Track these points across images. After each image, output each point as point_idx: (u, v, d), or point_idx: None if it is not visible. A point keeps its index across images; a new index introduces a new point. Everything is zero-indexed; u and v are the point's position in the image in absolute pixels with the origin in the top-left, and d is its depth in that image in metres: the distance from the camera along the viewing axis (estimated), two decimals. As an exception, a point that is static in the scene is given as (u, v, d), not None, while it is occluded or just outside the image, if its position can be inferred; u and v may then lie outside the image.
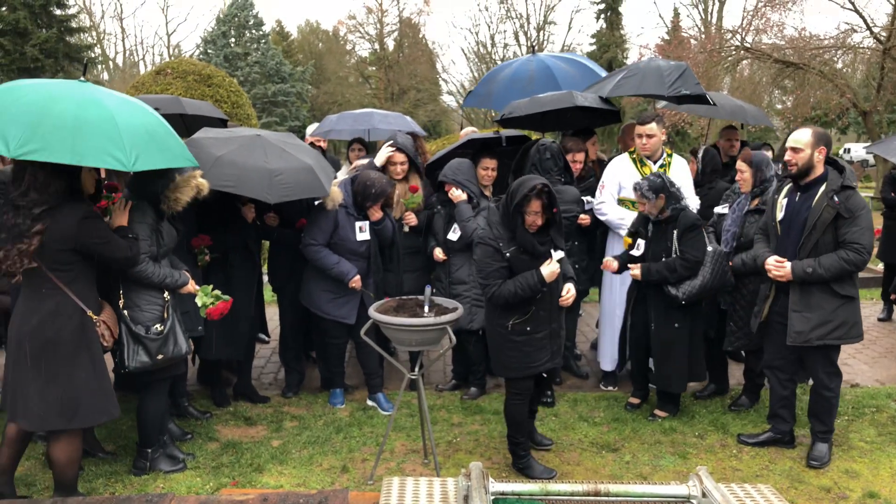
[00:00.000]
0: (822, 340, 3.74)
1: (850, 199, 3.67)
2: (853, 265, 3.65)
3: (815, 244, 3.71)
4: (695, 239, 4.23)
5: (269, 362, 5.82)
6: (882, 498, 3.54)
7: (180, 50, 41.04)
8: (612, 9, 35.74)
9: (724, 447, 4.15)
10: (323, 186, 4.18)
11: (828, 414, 3.90)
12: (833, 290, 3.71)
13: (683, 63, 5.58)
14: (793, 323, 3.78)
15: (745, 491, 3.14)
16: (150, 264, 3.53)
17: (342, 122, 6.92)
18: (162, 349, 3.58)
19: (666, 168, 4.86)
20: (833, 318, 3.72)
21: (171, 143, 3.35)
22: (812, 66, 18.42)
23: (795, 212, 3.83)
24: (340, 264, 4.45)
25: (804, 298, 3.76)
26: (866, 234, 3.65)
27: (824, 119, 25.68)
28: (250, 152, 4.11)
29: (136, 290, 3.57)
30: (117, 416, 3.44)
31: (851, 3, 17.83)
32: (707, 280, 4.22)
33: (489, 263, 3.58)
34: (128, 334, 3.51)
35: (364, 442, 4.25)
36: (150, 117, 3.34)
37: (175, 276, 3.69)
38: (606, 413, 4.65)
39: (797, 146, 3.77)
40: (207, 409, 4.67)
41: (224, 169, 3.96)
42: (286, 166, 4.09)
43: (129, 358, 3.51)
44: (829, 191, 3.71)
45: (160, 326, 3.58)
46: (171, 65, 8.82)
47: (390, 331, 3.61)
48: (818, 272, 3.67)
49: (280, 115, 33.57)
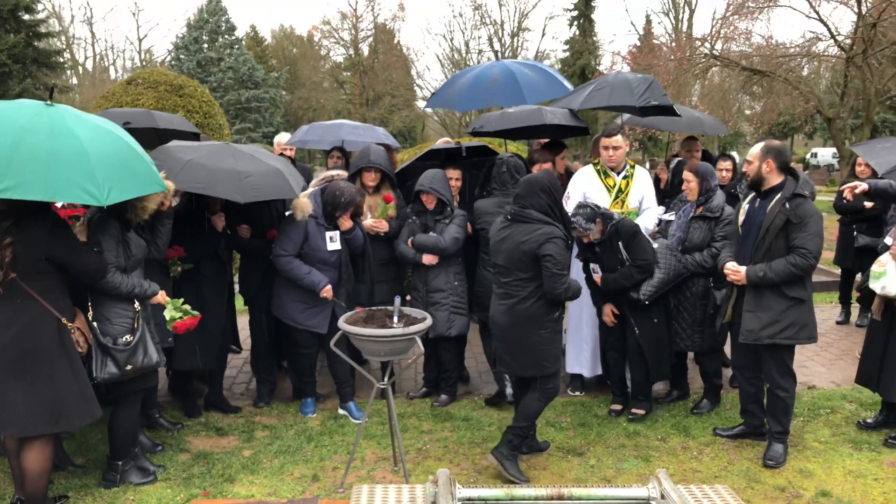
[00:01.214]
0: (773, 339, 3.94)
1: (800, 206, 3.89)
2: (801, 269, 3.86)
3: (769, 248, 3.93)
4: (640, 243, 4.45)
5: (241, 372, 5.84)
6: (834, 497, 3.68)
7: (151, 55, 40.69)
8: (585, 16, 36.20)
9: (685, 449, 4.29)
10: (292, 188, 4.24)
11: (783, 414, 4.08)
12: (783, 293, 3.91)
13: (650, 76, 5.75)
14: (745, 322, 4.01)
15: (702, 491, 3.25)
16: (117, 275, 3.56)
17: (312, 132, 6.97)
18: (131, 360, 3.60)
19: (629, 179, 5.00)
20: (782, 318, 3.92)
21: (141, 168, 3.36)
22: (778, 73, 18.87)
23: (753, 217, 4.09)
24: (311, 274, 4.51)
25: (756, 299, 3.98)
26: (814, 239, 3.85)
27: (791, 125, 26.25)
28: (219, 156, 4.19)
29: (104, 303, 3.60)
30: (100, 416, 3.47)
31: (816, 12, 18.32)
32: (664, 275, 4.46)
33: (566, 257, 3.83)
34: (96, 345, 3.53)
35: (335, 450, 4.31)
36: (120, 142, 3.34)
37: (144, 285, 3.72)
38: (573, 418, 4.76)
39: (749, 159, 4.12)
40: (178, 420, 4.70)
41: (193, 171, 4.02)
42: (255, 169, 4.17)
43: (97, 369, 3.53)
44: (782, 198, 3.93)
45: (129, 337, 3.61)
46: (142, 75, 8.80)
47: (359, 341, 3.68)
48: (769, 276, 3.88)
49: (253, 121, 33.42)
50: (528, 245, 3.77)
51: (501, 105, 6.15)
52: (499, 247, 3.94)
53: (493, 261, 4.05)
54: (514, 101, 6.10)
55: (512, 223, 3.88)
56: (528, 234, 3.79)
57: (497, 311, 3.99)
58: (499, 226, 4.00)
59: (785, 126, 29.23)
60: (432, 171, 4.96)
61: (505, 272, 3.91)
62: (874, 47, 17.46)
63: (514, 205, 3.90)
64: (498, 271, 3.98)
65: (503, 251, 3.90)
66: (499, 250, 3.94)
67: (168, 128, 5.59)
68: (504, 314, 3.92)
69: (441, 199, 4.83)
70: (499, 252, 3.94)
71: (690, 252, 4.55)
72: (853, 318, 7.04)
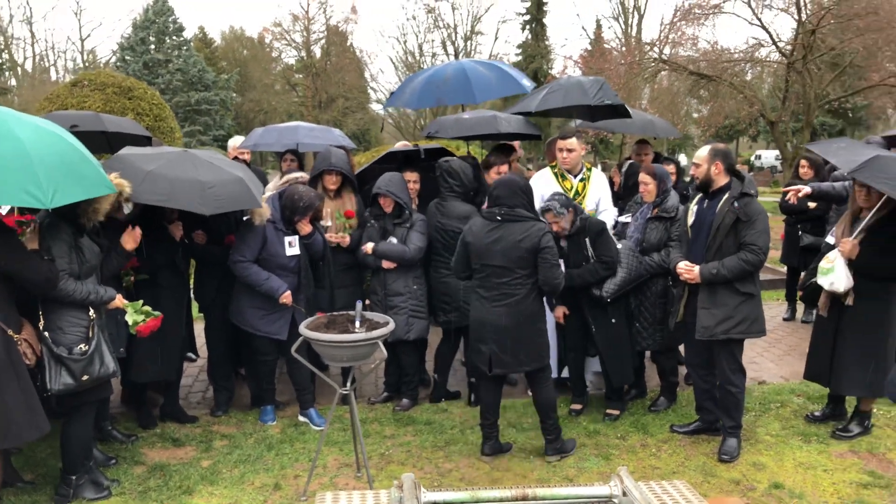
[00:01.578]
0: (727, 335, 4.08)
1: (748, 205, 4.06)
2: (752, 265, 4.01)
3: (720, 246, 4.08)
4: (606, 241, 4.56)
5: (197, 381, 5.72)
6: (786, 488, 3.81)
7: (95, 56, 39.48)
8: (537, 20, 36.61)
9: (644, 447, 4.37)
10: (255, 198, 4.19)
11: (735, 409, 4.20)
12: (735, 289, 4.06)
13: (601, 78, 5.88)
14: (700, 319, 4.13)
15: (662, 488, 3.32)
16: (70, 282, 3.45)
17: (268, 135, 6.87)
18: (87, 370, 3.50)
19: (586, 181, 5.09)
20: (735, 313, 4.06)
21: (88, 171, 3.27)
22: (724, 78, 19.43)
23: (703, 218, 4.23)
24: (270, 280, 4.45)
25: (710, 296, 4.11)
26: (762, 236, 4.02)
27: (736, 128, 27.05)
28: (180, 166, 4.08)
29: (56, 312, 3.48)
30: (48, 430, 3.35)
31: (759, 19, 18.92)
32: (626, 274, 4.55)
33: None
34: (49, 356, 3.41)
35: (296, 458, 4.26)
36: (64, 144, 3.25)
37: (100, 291, 3.61)
38: (534, 419, 4.77)
39: (697, 162, 4.26)
40: (132, 432, 4.57)
41: (155, 183, 3.91)
42: (218, 178, 4.08)
43: (51, 380, 3.42)
44: (730, 198, 4.09)
45: (84, 346, 3.50)
46: (89, 76, 8.53)
47: (321, 347, 3.65)
48: (722, 273, 4.02)
49: (204, 123, 32.76)
50: (528, 242, 3.88)
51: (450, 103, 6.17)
52: (491, 248, 3.95)
53: (480, 263, 4.01)
54: (464, 99, 6.14)
55: (503, 223, 3.94)
56: (525, 231, 3.90)
57: (494, 313, 3.97)
58: (484, 228, 4.00)
59: (730, 129, 30.11)
60: (389, 174, 4.95)
61: (502, 272, 3.94)
62: (813, 53, 18.14)
63: (500, 206, 3.96)
64: (490, 273, 3.98)
65: (498, 252, 3.93)
66: (491, 251, 3.95)
67: (118, 131, 5.42)
68: (506, 315, 3.95)
69: (399, 203, 4.82)
70: (492, 253, 3.95)
71: (648, 252, 4.65)
72: (799, 314, 7.29)
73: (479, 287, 4.07)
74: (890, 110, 27.36)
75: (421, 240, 4.84)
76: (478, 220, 4.11)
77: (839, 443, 4.34)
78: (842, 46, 18.26)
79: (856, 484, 3.84)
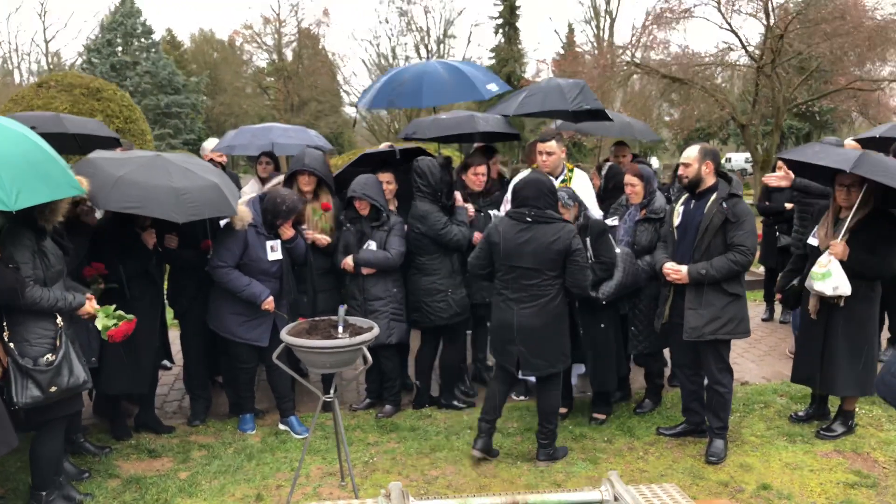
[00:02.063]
0: (715, 335, 4.07)
1: (736, 205, 4.04)
2: (740, 265, 4.00)
3: (707, 247, 4.06)
4: (606, 242, 4.52)
5: (173, 389, 5.56)
6: (774, 489, 3.80)
7: (60, 58, 38.66)
8: (510, 24, 36.72)
9: (631, 450, 4.34)
10: (231, 205, 4.08)
11: (722, 409, 4.18)
12: (723, 289, 4.05)
13: (581, 81, 5.85)
14: (688, 320, 4.11)
15: (652, 491, 3.29)
16: (36, 289, 3.29)
17: (241, 136, 6.73)
18: (55, 380, 3.34)
19: (567, 182, 5.04)
20: (722, 314, 4.05)
21: (53, 171, 3.14)
22: (695, 81, 19.67)
23: (690, 218, 4.20)
24: (251, 286, 4.33)
25: (697, 297, 4.09)
26: (750, 237, 4.02)
27: (707, 131, 27.41)
28: (153, 171, 3.93)
29: (21, 321, 3.32)
30: (15, 446, 3.20)
31: (728, 24, 19.18)
32: (622, 278, 4.50)
33: None
34: (14, 368, 3.26)
35: (278, 468, 4.14)
36: (29, 143, 3.12)
37: (69, 297, 3.45)
38: (519, 423, 4.75)
39: (687, 161, 4.19)
40: (106, 444, 4.41)
41: (126, 189, 3.77)
42: (192, 185, 3.95)
43: (17, 394, 3.26)
44: (718, 199, 4.07)
45: (51, 356, 3.34)
46: (55, 77, 8.30)
47: (304, 354, 3.54)
48: (710, 273, 4.01)
49: (174, 126, 32.22)
50: (559, 244, 3.91)
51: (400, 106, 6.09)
52: (521, 250, 3.95)
53: (507, 264, 4.01)
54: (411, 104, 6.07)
55: (533, 225, 3.95)
56: (556, 232, 3.93)
57: (523, 314, 3.98)
58: (513, 228, 3.99)
59: (701, 132, 30.53)
60: (364, 176, 4.84)
61: (532, 274, 3.95)
62: (781, 57, 18.45)
63: (528, 207, 3.97)
64: (519, 274, 3.99)
65: (529, 253, 3.94)
66: (522, 252, 3.95)
67: (82, 133, 5.24)
68: (534, 316, 3.97)
69: (375, 206, 4.73)
70: (522, 254, 3.95)
71: (640, 255, 4.62)
72: (777, 314, 7.35)
73: (504, 289, 4.06)
74: (854, 113, 27.96)
75: (401, 243, 4.76)
76: (505, 220, 4.10)
77: (824, 443, 4.34)
78: (809, 51, 18.60)
79: (843, 484, 3.84)
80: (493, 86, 6.47)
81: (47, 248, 3.42)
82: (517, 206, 4.06)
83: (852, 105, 21.90)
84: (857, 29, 17.57)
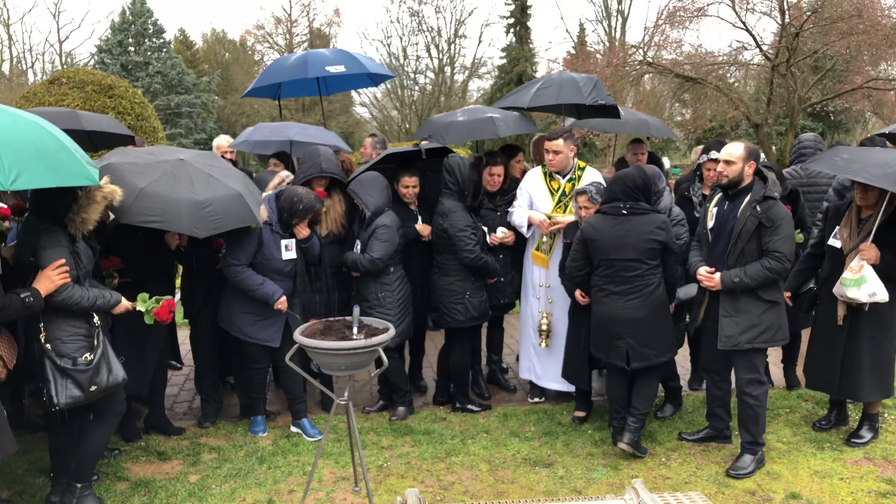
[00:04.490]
0: (751, 344, 3.88)
1: (771, 208, 3.84)
2: (775, 273, 3.81)
3: (741, 252, 3.88)
4: None
5: (183, 390, 5.47)
6: (804, 498, 3.66)
7: (73, 58, 38.80)
8: (521, 23, 36.56)
9: (653, 456, 4.21)
10: (253, 214, 4.01)
11: (752, 422, 3.96)
12: (759, 296, 3.86)
13: (594, 76, 5.73)
14: (723, 328, 3.93)
15: (677, 500, 3.17)
16: (77, 289, 3.25)
17: (258, 133, 6.62)
18: (94, 379, 3.29)
19: (575, 181, 4.88)
20: (760, 321, 3.87)
21: (66, 160, 3.06)
22: (708, 80, 19.47)
23: (724, 220, 4.02)
24: (265, 285, 4.22)
25: (733, 304, 3.91)
26: (787, 242, 3.81)
27: (720, 130, 27.20)
28: (176, 182, 3.84)
29: (56, 322, 3.27)
30: (13, 452, 3.08)
31: (743, 22, 18.98)
32: None
33: None
34: (53, 369, 3.21)
35: (290, 472, 4.04)
36: (43, 132, 3.06)
37: (107, 295, 3.42)
38: (537, 427, 4.63)
39: (730, 159, 3.93)
40: (115, 446, 4.31)
41: (149, 202, 3.70)
42: (214, 195, 3.86)
43: (57, 394, 3.21)
44: (752, 201, 3.87)
45: (90, 355, 3.30)
46: (67, 74, 8.24)
47: (318, 355, 3.43)
48: (744, 281, 3.83)
49: (185, 126, 32.30)
50: (658, 234, 4.00)
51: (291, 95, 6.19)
52: (622, 241, 4.02)
53: (607, 258, 4.07)
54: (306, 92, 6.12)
55: (629, 217, 4.03)
56: (653, 223, 4.03)
57: (628, 306, 4.04)
58: (609, 223, 4.06)
59: (713, 132, 30.30)
60: (366, 174, 4.71)
61: (632, 265, 4.03)
62: (797, 56, 18.23)
63: (622, 200, 4.04)
64: (620, 267, 4.04)
65: (630, 245, 4.01)
66: (622, 245, 4.02)
67: (97, 130, 5.17)
68: (640, 307, 4.03)
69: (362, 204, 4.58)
70: (622, 247, 4.02)
71: None
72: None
73: (606, 284, 4.11)
74: (868, 113, 27.65)
75: (382, 248, 4.48)
76: (597, 217, 4.17)
77: (853, 450, 4.20)
78: (825, 49, 18.38)
79: (874, 493, 3.70)
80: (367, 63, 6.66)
81: (80, 248, 3.38)
82: (609, 200, 4.14)
83: (866, 105, 21.64)
84: (874, 28, 17.31)
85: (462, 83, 38.99)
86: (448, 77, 38.01)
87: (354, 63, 6.59)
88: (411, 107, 37.63)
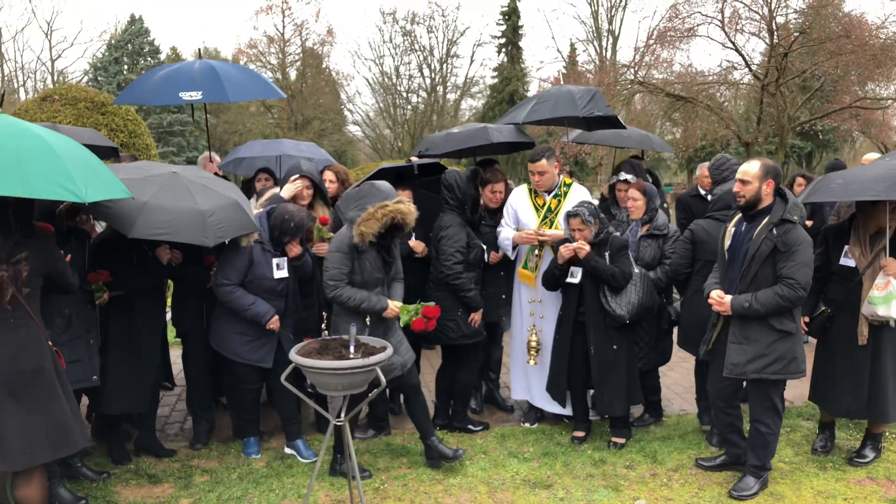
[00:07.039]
0: (758, 374, 3.70)
1: (788, 233, 3.65)
2: (788, 301, 3.62)
3: (755, 276, 3.70)
4: (626, 257, 4.44)
5: (175, 411, 5.37)
6: (808, 519, 3.60)
7: (65, 76, 38.78)
8: (513, 43, 36.91)
9: (654, 476, 4.14)
10: (252, 222, 3.98)
11: (763, 449, 3.85)
12: (770, 325, 3.68)
13: (593, 87, 5.73)
14: (730, 354, 3.78)
15: (681, 522, 3.12)
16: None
17: (250, 149, 6.57)
18: None
19: (561, 198, 4.83)
20: (769, 351, 3.68)
21: (105, 175, 3.17)
22: (699, 99, 19.65)
23: (739, 242, 3.83)
24: (256, 305, 4.16)
25: (742, 330, 3.75)
26: (802, 269, 3.61)
27: (710, 149, 27.40)
28: (176, 193, 3.80)
29: None
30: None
31: (732, 42, 19.21)
32: (641, 298, 4.39)
33: None
34: None
35: (284, 494, 3.95)
36: (80, 147, 3.19)
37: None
38: (536, 448, 4.55)
39: (746, 178, 3.75)
40: (104, 469, 4.21)
41: (155, 215, 3.64)
42: (216, 205, 3.83)
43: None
44: (769, 223, 3.70)
45: None
46: (59, 90, 8.19)
47: (314, 375, 3.37)
48: (755, 307, 3.65)
49: (177, 144, 32.29)
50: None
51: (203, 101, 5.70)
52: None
53: (712, 260, 4.13)
54: (216, 97, 5.74)
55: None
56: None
57: None
58: (720, 228, 4.11)
59: (704, 151, 30.52)
60: (350, 189, 4.66)
61: None
62: (785, 76, 18.44)
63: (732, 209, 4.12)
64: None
65: None
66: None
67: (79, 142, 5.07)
68: None
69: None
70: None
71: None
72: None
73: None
74: (856, 132, 27.93)
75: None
76: (707, 222, 4.40)
77: (856, 469, 4.15)
78: (814, 69, 18.59)
79: (879, 513, 3.65)
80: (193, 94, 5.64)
81: None
82: (719, 209, 4.37)
83: (854, 124, 21.88)
84: (862, 48, 17.55)
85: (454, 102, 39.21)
86: (440, 96, 38.22)
87: (216, 88, 5.61)
88: (404, 125, 37.77)
